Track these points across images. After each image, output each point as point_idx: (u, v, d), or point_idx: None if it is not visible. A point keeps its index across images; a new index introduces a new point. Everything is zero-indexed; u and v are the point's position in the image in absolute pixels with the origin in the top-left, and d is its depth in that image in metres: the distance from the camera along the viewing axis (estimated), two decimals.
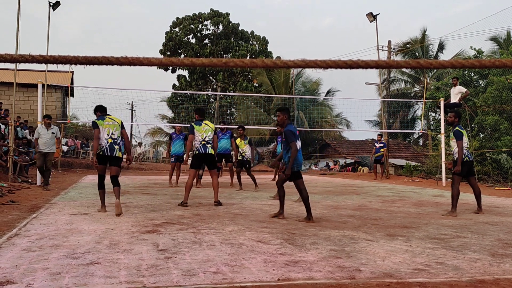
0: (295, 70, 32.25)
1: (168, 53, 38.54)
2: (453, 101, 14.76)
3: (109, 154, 6.77)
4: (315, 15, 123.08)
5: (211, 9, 38.80)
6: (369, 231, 5.41)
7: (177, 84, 39.36)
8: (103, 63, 1.53)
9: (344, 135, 37.22)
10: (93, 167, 19.19)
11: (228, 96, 36.61)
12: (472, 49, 20.28)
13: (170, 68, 38.84)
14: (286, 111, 6.86)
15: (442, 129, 15.47)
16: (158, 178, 17.54)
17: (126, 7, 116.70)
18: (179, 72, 40.15)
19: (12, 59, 1.57)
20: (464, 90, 14.70)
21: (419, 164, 21.30)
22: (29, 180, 12.81)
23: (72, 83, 25.73)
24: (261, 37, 39.20)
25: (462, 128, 7.36)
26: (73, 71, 27.33)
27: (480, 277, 3.44)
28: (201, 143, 8.00)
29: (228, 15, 38.74)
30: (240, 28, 39.05)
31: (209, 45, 38.86)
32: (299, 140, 6.47)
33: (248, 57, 36.48)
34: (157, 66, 1.64)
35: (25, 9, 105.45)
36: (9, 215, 6.45)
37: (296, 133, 6.47)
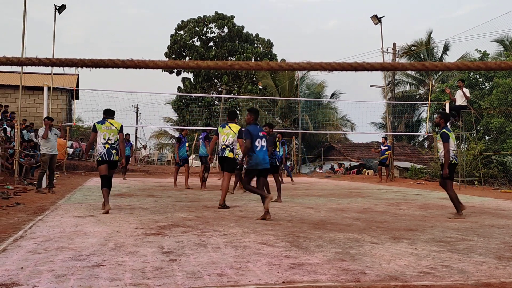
0: (300, 72, 32.23)
1: (173, 56, 38.68)
2: (458, 104, 14.70)
3: (107, 159, 7.25)
4: (319, 17, 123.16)
5: (216, 12, 38.94)
6: (374, 234, 5.40)
7: (182, 86, 39.47)
8: (109, 66, 1.54)
9: (349, 137, 37.20)
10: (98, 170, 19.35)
11: (232, 98, 36.65)
12: (477, 51, 20.21)
13: (175, 70, 38.97)
14: (253, 112, 7.33)
15: None
16: (163, 180, 17.57)
17: (131, 10, 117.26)
18: (184, 74, 40.28)
19: (19, 62, 1.58)
20: (467, 93, 14.61)
21: (424, 166, 21.22)
22: (35, 182, 12.83)
23: (77, 86, 25.85)
24: (266, 40, 39.27)
25: (449, 130, 7.38)
26: (79, 74, 27.46)
27: (486, 281, 3.42)
28: (221, 146, 8.21)
29: (232, 18, 38.85)
30: (244, 31, 39.14)
31: (214, 47, 38.97)
32: (261, 140, 6.97)
33: (253, 60, 36.54)
34: (163, 68, 1.65)
35: (30, 13, 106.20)
36: (14, 218, 6.48)
37: (253, 133, 6.94)
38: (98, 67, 1.54)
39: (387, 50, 21.46)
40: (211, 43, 39.61)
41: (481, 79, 19.68)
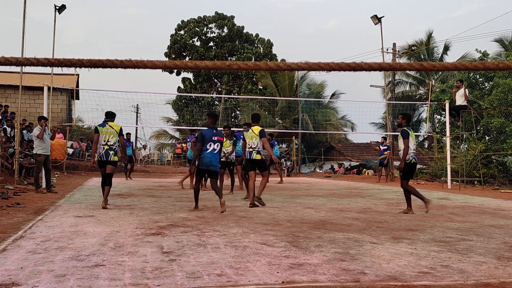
0: (300, 72, 32.22)
1: (173, 56, 38.67)
2: (458, 104, 14.70)
3: (105, 159, 7.86)
4: (319, 17, 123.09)
5: (216, 12, 38.93)
6: (374, 234, 5.40)
7: (182, 86, 39.47)
8: (108, 66, 1.54)
9: (349, 137, 37.18)
10: (98, 170, 19.66)
11: (232, 98, 36.66)
12: (477, 51, 20.21)
13: (175, 70, 38.95)
14: (211, 117, 8.07)
15: (447, 131, 15.41)
16: (163, 180, 17.57)
17: (131, 10, 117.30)
18: (184, 74, 40.27)
19: (17, 63, 1.58)
20: (466, 93, 14.63)
21: (424, 166, 21.22)
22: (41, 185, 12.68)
23: (77, 86, 25.85)
24: (266, 40, 39.25)
25: (409, 129, 7.76)
26: (79, 74, 27.45)
27: (485, 281, 3.42)
28: (248, 150, 8.58)
29: (232, 18, 38.84)
30: (244, 31, 39.13)
31: (214, 47, 38.96)
32: (213, 143, 7.55)
33: (253, 60, 36.55)
34: (162, 69, 1.65)
35: (30, 13, 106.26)
36: (14, 218, 6.48)
37: (206, 136, 7.54)
38: (96, 67, 1.55)
39: (387, 50, 21.49)
40: (211, 43, 39.60)
41: (481, 79, 19.68)
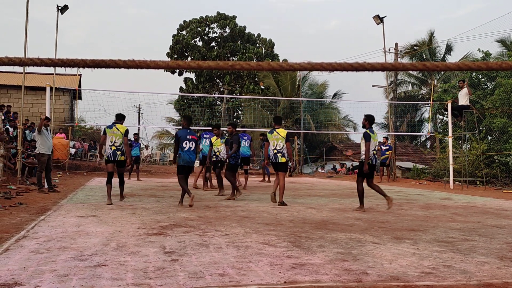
0: (302, 72, 32.20)
1: (175, 56, 38.69)
2: (460, 103, 14.68)
3: (112, 159, 8.53)
4: (321, 17, 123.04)
5: (218, 12, 38.94)
6: (376, 234, 5.39)
7: (184, 86, 39.49)
8: (111, 66, 1.54)
9: (351, 137, 37.16)
10: (100, 170, 20.13)
11: (234, 98, 36.66)
12: (479, 51, 20.17)
13: (177, 71, 38.97)
14: (186, 118, 8.74)
15: (449, 131, 15.39)
16: (165, 180, 17.59)
17: (133, 10, 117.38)
18: (186, 75, 40.29)
19: (21, 63, 1.58)
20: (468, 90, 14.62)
21: (427, 166, 21.20)
22: (44, 185, 12.68)
23: (80, 86, 25.90)
24: (268, 40, 39.25)
25: (372, 132, 8.01)
26: (81, 74, 27.50)
27: (488, 281, 3.42)
28: (273, 152, 8.73)
29: (234, 18, 38.85)
30: (246, 31, 39.14)
31: (216, 47, 38.98)
32: (188, 142, 8.31)
33: (254, 60, 36.54)
34: (164, 68, 1.65)
35: (33, 13, 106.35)
36: (17, 217, 6.50)
37: (181, 136, 8.34)
38: (99, 67, 1.55)
39: (389, 50, 21.44)
40: (213, 43, 39.62)
41: (483, 79, 19.64)
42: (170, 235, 5.11)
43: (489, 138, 18.16)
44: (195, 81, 39.23)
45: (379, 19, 19.15)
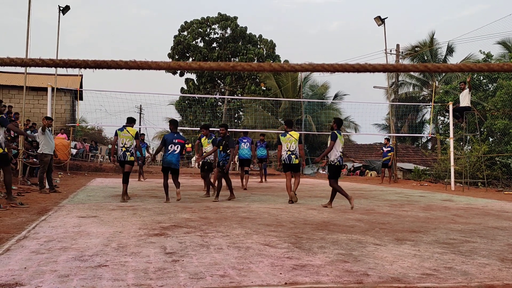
0: (303, 73, 32.21)
1: (176, 57, 38.72)
2: (462, 105, 14.67)
3: (122, 159, 9.26)
4: (323, 18, 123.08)
5: (219, 13, 38.98)
6: (377, 235, 5.39)
7: (185, 87, 39.53)
8: (112, 67, 1.54)
9: (352, 138, 37.12)
10: (102, 170, 20.27)
11: (235, 99, 36.68)
12: (481, 53, 20.15)
13: (178, 71, 38.99)
14: (172, 123, 9.38)
15: (451, 133, 15.37)
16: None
17: (134, 11, 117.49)
18: (187, 75, 40.33)
19: (23, 63, 1.59)
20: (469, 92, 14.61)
21: (428, 168, 21.17)
22: (45, 185, 12.63)
23: (81, 86, 25.91)
24: (269, 41, 39.27)
25: (339, 133, 8.54)
26: (82, 75, 27.52)
27: (489, 283, 3.41)
28: (287, 153, 9.12)
29: (236, 19, 38.88)
30: (248, 31, 39.17)
31: (217, 48, 39.01)
32: (174, 145, 8.97)
33: (255, 61, 36.57)
34: (166, 70, 1.65)
35: (35, 14, 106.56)
36: (18, 218, 6.50)
37: (167, 139, 9.05)
38: (101, 68, 1.55)
39: (391, 51, 21.46)
40: (214, 44, 39.65)
41: (484, 81, 19.62)
42: (171, 236, 5.11)
43: (491, 139, 18.13)
44: (196, 82, 39.25)
45: (381, 20, 19.15)
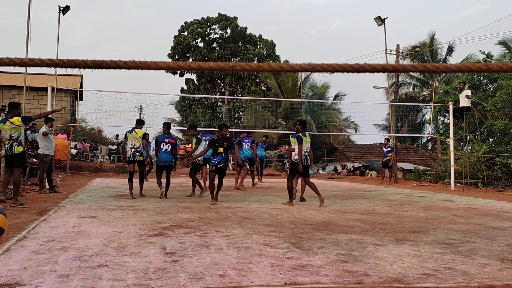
0: (303, 73, 32.22)
1: (176, 57, 38.72)
2: (462, 105, 14.67)
3: (132, 159, 9.86)
4: (323, 19, 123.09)
5: (219, 13, 38.97)
6: (377, 236, 5.39)
7: (185, 87, 39.52)
8: (111, 66, 1.54)
9: (352, 139, 37.14)
10: (102, 170, 20.39)
11: (236, 99, 36.68)
12: (481, 53, 20.15)
13: (178, 72, 38.98)
14: (165, 125, 10.35)
15: (451, 133, 15.37)
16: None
17: (134, 11, 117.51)
18: (187, 75, 40.32)
19: (22, 63, 1.59)
20: (469, 93, 14.62)
21: (428, 168, 21.16)
22: (45, 185, 12.58)
23: (81, 86, 25.90)
24: (269, 41, 39.26)
25: (304, 135, 8.84)
26: (83, 75, 27.53)
27: (489, 283, 3.41)
28: (304, 154, 9.08)
29: (236, 19, 38.87)
30: (248, 32, 39.16)
31: (217, 49, 39.00)
32: (165, 144, 9.74)
33: (255, 61, 36.56)
34: (165, 70, 1.65)
35: (35, 14, 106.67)
36: (18, 218, 6.50)
37: (159, 139, 9.89)
38: (100, 68, 1.55)
39: (391, 51, 21.45)
40: (215, 44, 39.65)
41: (485, 81, 19.62)
42: (170, 236, 5.12)
43: (491, 139, 18.13)
44: (196, 82, 39.26)
45: (381, 21, 19.15)
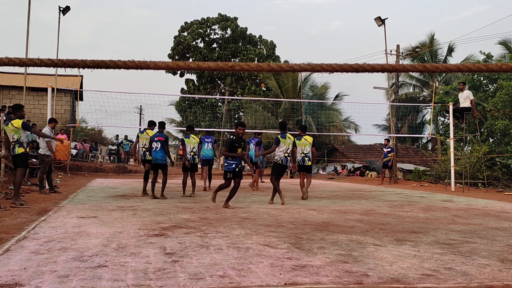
0: (303, 74, 32.22)
1: (176, 57, 38.71)
2: (462, 106, 14.66)
3: (143, 158, 10.48)
4: (324, 19, 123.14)
5: (219, 14, 38.97)
6: (377, 236, 5.38)
7: (185, 88, 39.52)
8: (111, 66, 1.54)
9: (352, 139, 37.13)
10: (101, 171, 20.37)
11: (236, 100, 36.67)
12: (481, 53, 20.14)
13: (178, 72, 38.99)
14: (159, 124, 10.29)
15: (451, 133, 15.37)
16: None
17: (134, 11, 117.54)
18: (187, 76, 40.32)
19: (21, 63, 1.58)
20: (471, 96, 14.60)
21: (428, 168, 21.15)
22: (45, 186, 12.55)
23: (81, 87, 25.89)
24: (269, 41, 39.26)
25: (283, 137, 9.10)
26: (83, 75, 27.53)
27: (489, 283, 3.41)
28: (301, 156, 9.97)
29: (236, 19, 38.88)
30: (248, 32, 39.16)
31: (217, 49, 39.00)
32: (155, 143, 9.80)
33: (255, 61, 36.56)
34: (164, 70, 1.65)
35: (35, 14, 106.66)
36: (18, 218, 6.50)
37: (150, 138, 10.05)
38: (99, 68, 1.55)
39: (391, 52, 21.45)
40: (215, 45, 39.65)
41: (485, 81, 19.61)
42: (170, 236, 5.11)
43: (491, 140, 18.12)
44: (196, 83, 39.25)
45: (381, 21, 19.15)
